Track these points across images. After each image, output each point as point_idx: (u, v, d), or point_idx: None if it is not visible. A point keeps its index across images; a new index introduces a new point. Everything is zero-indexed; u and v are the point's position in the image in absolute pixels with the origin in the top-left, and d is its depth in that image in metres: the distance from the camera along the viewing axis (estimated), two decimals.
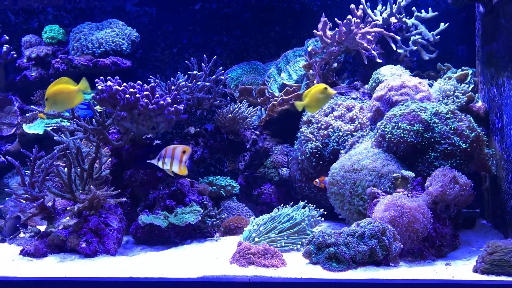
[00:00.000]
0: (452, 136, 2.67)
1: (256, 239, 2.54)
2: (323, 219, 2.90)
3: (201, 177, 3.47)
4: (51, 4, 4.22)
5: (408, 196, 2.47)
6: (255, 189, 3.51)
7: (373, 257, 2.22)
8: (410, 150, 2.73)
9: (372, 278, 2.09)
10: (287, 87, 3.59)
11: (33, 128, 3.69)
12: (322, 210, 2.93)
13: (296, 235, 2.62)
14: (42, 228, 2.98)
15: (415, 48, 3.55)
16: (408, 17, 3.62)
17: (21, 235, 2.94)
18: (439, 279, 2.06)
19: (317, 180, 3.04)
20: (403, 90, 2.97)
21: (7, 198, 2.64)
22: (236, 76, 4.02)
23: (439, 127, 2.68)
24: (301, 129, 3.37)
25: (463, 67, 3.43)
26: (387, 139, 2.78)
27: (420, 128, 2.68)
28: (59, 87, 2.54)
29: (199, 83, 3.29)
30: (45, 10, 4.24)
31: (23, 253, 2.57)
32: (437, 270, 2.19)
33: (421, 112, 2.74)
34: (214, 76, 3.33)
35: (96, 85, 2.86)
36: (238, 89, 3.85)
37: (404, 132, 2.71)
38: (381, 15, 3.58)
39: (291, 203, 2.93)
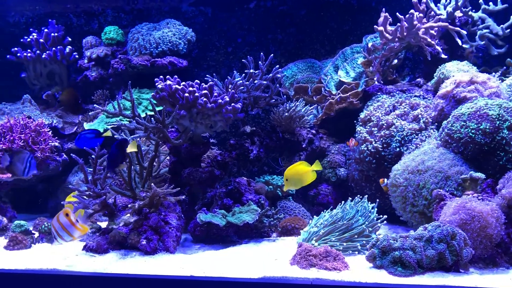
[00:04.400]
0: None
1: (315, 243, 2.47)
2: (384, 222, 2.76)
3: (256, 176, 3.44)
4: (111, 6, 4.33)
5: (478, 199, 2.33)
6: (311, 189, 3.45)
7: (442, 263, 2.11)
8: (479, 150, 2.58)
9: (442, 284, 1.98)
10: (344, 85, 3.51)
11: (93, 127, 3.79)
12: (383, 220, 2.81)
13: (356, 237, 2.53)
14: (101, 224, 3.06)
15: (482, 42, 3.37)
16: (474, 10, 3.45)
17: None
18: None
19: (384, 180, 2.93)
20: (471, 87, 2.82)
21: (71, 195, 2.71)
22: (291, 75, 3.97)
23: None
24: (358, 129, 3.27)
25: None
26: (454, 139, 2.65)
27: (490, 127, 2.53)
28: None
29: (256, 81, 3.26)
30: (104, 12, 4.36)
31: (86, 248, 2.62)
32: None
33: (491, 110, 2.58)
34: (271, 75, 3.29)
35: (156, 84, 2.89)
36: (293, 87, 3.80)
37: (473, 131, 2.56)
38: (445, 9, 3.42)
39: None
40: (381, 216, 2.68)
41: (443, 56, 3.23)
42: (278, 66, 3.38)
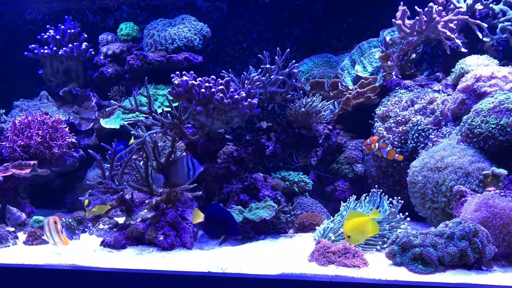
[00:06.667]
0: None
1: (333, 238, 2.45)
2: (408, 222, 2.69)
3: (271, 172, 3.42)
4: (126, 2, 4.34)
5: (501, 196, 2.28)
6: (328, 185, 3.42)
7: (464, 260, 2.07)
8: (500, 146, 2.53)
9: (464, 282, 1.94)
10: (362, 80, 3.46)
11: (110, 123, 3.81)
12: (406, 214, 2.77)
13: (376, 234, 2.50)
14: (118, 220, 3.07)
15: (503, 36, 3.29)
16: (495, 2, 3.37)
17: (101, 226, 3.03)
18: None
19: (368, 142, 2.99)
20: (492, 81, 2.76)
21: (89, 191, 2.72)
22: (307, 70, 3.94)
23: None
24: (375, 125, 3.23)
25: None
26: (475, 134, 2.59)
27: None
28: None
29: (272, 76, 3.23)
30: (120, 8, 4.36)
31: (104, 244, 2.63)
32: None
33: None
34: (287, 70, 3.26)
35: (173, 79, 2.89)
36: (310, 82, 3.77)
37: (494, 126, 2.51)
38: (465, 1, 3.36)
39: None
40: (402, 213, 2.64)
41: (463, 50, 3.17)
42: (294, 61, 3.35)
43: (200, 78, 2.88)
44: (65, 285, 2.29)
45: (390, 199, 2.68)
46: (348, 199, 2.82)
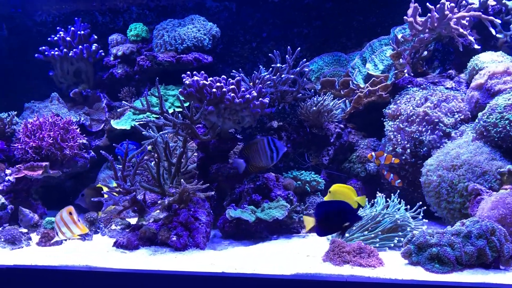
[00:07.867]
0: None
1: (346, 234, 2.43)
2: (425, 222, 2.66)
3: (282, 172, 3.40)
4: (135, 3, 4.34)
5: None
6: None
7: (482, 259, 2.04)
8: None
9: (482, 282, 1.91)
10: (373, 78, 3.43)
11: (121, 124, 3.81)
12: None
13: (391, 233, 2.48)
14: (130, 220, 3.07)
15: None
16: None
17: (113, 227, 3.04)
18: None
19: (372, 154, 2.98)
20: (506, 78, 2.72)
21: (102, 192, 2.72)
22: (317, 68, 3.91)
23: None
24: (385, 123, 3.21)
25: None
26: (491, 132, 2.56)
27: None
28: None
29: (283, 75, 3.22)
30: (129, 9, 4.37)
31: (117, 245, 2.62)
32: None
33: None
34: (298, 68, 3.24)
35: (183, 80, 2.88)
36: (320, 81, 3.74)
37: (511, 123, 2.47)
38: None
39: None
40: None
41: (475, 46, 3.13)
42: (305, 60, 3.32)
43: (211, 78, 2.87)
44: (79, 286, 2.29)
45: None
46: None
